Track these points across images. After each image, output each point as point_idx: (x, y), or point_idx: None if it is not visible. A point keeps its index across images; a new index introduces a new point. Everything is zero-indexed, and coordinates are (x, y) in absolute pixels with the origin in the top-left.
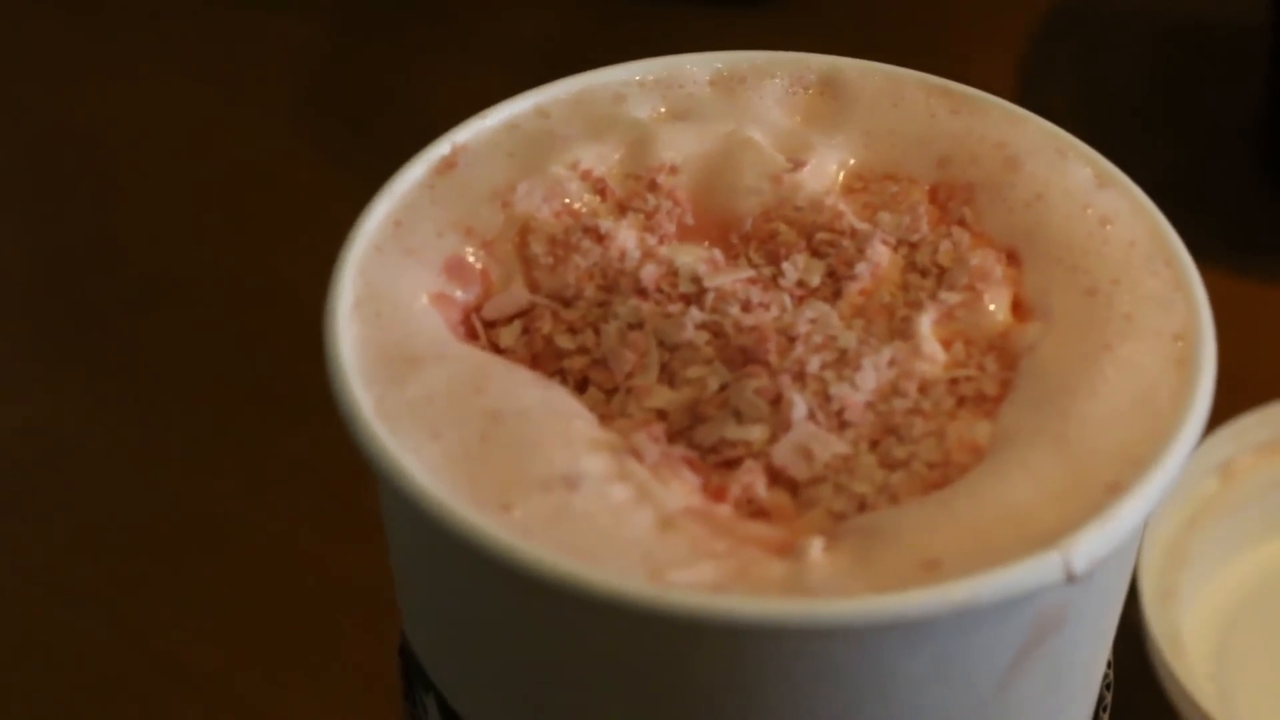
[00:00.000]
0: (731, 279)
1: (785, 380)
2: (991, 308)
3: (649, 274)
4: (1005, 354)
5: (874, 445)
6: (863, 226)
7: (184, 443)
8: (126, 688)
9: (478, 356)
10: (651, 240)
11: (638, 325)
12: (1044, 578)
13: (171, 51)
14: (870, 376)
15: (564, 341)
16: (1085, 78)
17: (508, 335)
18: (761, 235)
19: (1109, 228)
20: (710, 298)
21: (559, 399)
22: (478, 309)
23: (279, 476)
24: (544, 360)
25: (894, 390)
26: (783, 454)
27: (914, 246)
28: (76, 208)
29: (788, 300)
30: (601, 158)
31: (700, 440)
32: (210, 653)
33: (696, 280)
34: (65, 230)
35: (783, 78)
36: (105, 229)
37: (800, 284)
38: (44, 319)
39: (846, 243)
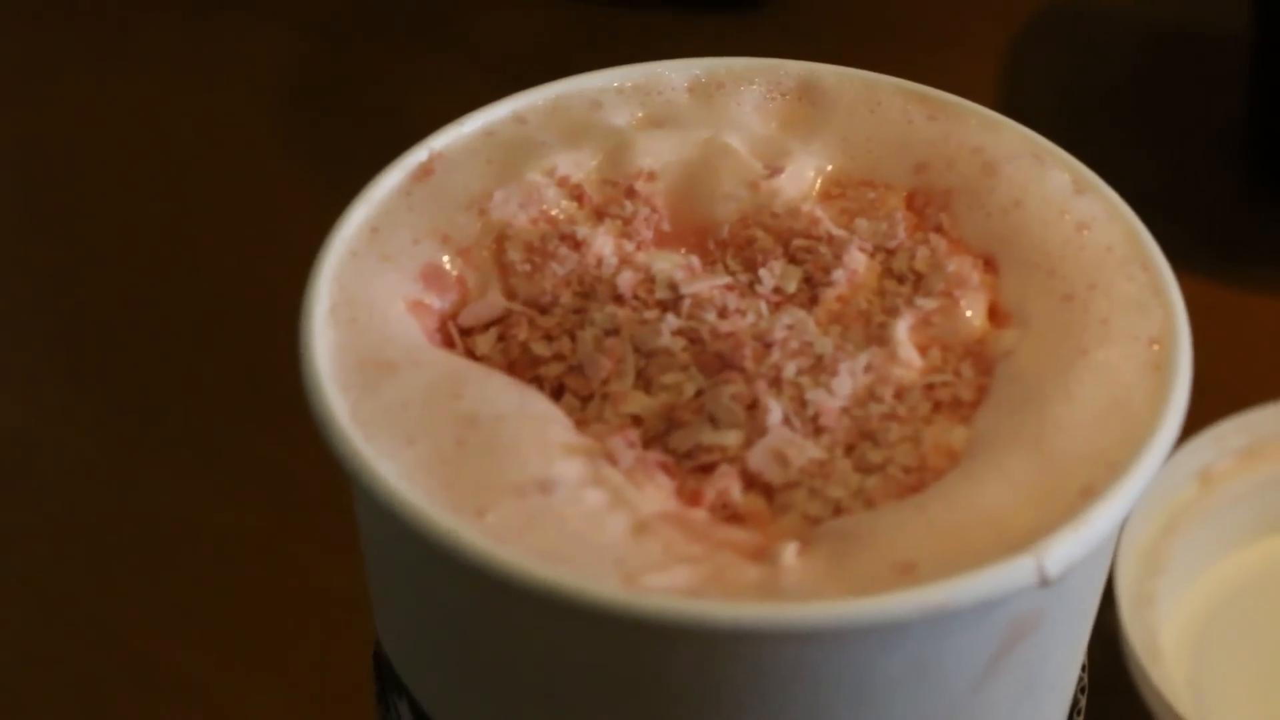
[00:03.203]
0: (708, 285)
1: (761, 386)
2: (968, 314)
3: (626, 281)
4: (981, 359)
5: (849, 450)
6: (840, 233)
7: (162, 447)
8: (105, 693)
9: (454, 362)
10: (629, 247)
11: (614, 332)
12: (1018, 581)
13: (151, 56)
14: (846, 382)
15: (540, 348)
16: (1065, 84)
17: (484, 343)
18: (739, 242)
19: (1086, 233)
20: (687, 304)
21: (535, 404)
22: (454, 316)
23: (258, 481)
24: (520, 367)
25: (870, 396)
26: (758, 459)
27: (891, 253)
28: (55, 213)
29: (764, 307)
30: (579, 164)
31: (676, 445)
32: (189, 657)
33: (673, 287)
34: (43, 235)
35: (760, 84)
36: (84, 234)
37: (777, 290)
38: (23, 324)
39: (823, 249)
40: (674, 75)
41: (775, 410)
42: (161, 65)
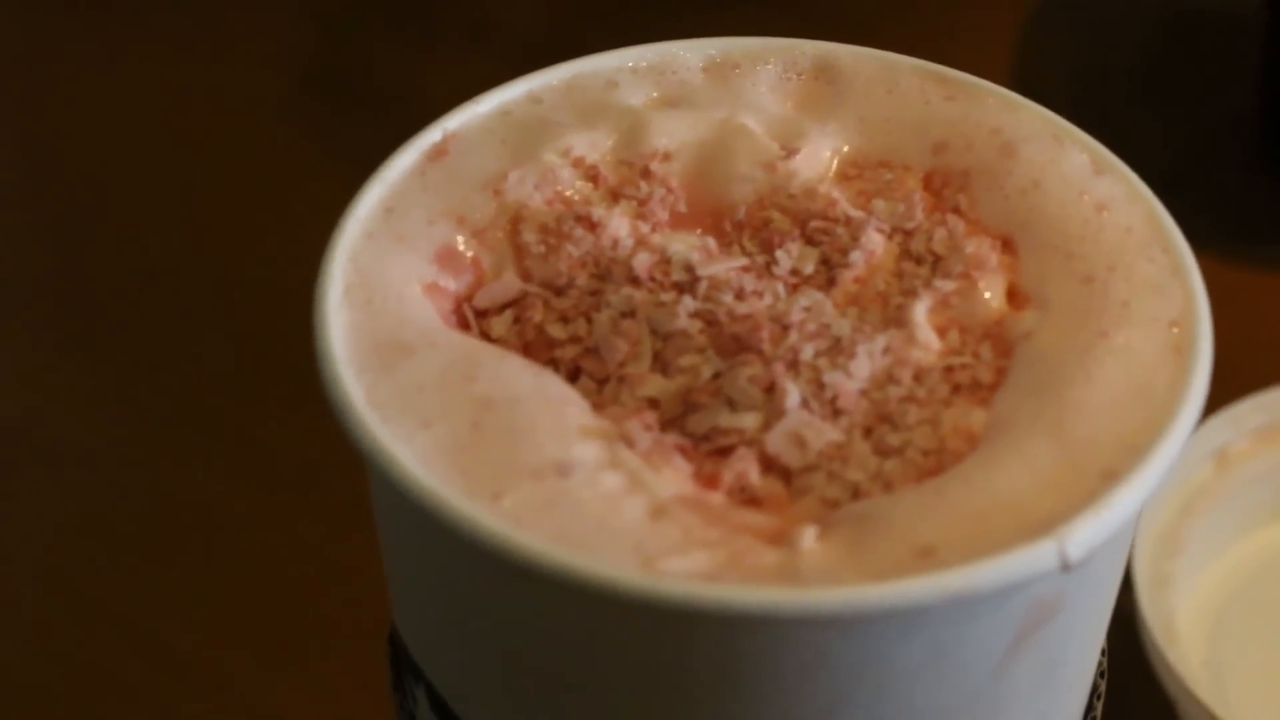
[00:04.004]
0: (725, 267)
1: (779, 368)
2: (987, 295)
3: (642, 262)
4: (1001, 341)
5: (868, 433)
6: (857, 214)
7: (175, 432)
8: (119, 680)
9: (469, 344)
10: (644, 228)
11: (630, 314)
12: (1039, 566)
13: (163, 37)
14: (864, 364)
15: (556, 331)
16: (1081, 64)
17: (499, 325)
18: (755, 223)
19: (1105, 214)
20: (703, 286)
21: (551, 386)
22: (469, 298)
23: (272, 466)
24: (536, 350)
25: (888, 378)
26: (776, 442)
27: (909, 234)
28: (65, 198)
29: (781, 288)
30: (594, 145)
31: (693, 428)
32: (201, 643)
33: (689, 268)
34: (54, 221)
35: (776, 64)
36: (95, 219)
37: (794, 272)
38: (34, 311)
39: (840, 230)
40: (689, 55)
41: (793, 393)
42: (173, 47)
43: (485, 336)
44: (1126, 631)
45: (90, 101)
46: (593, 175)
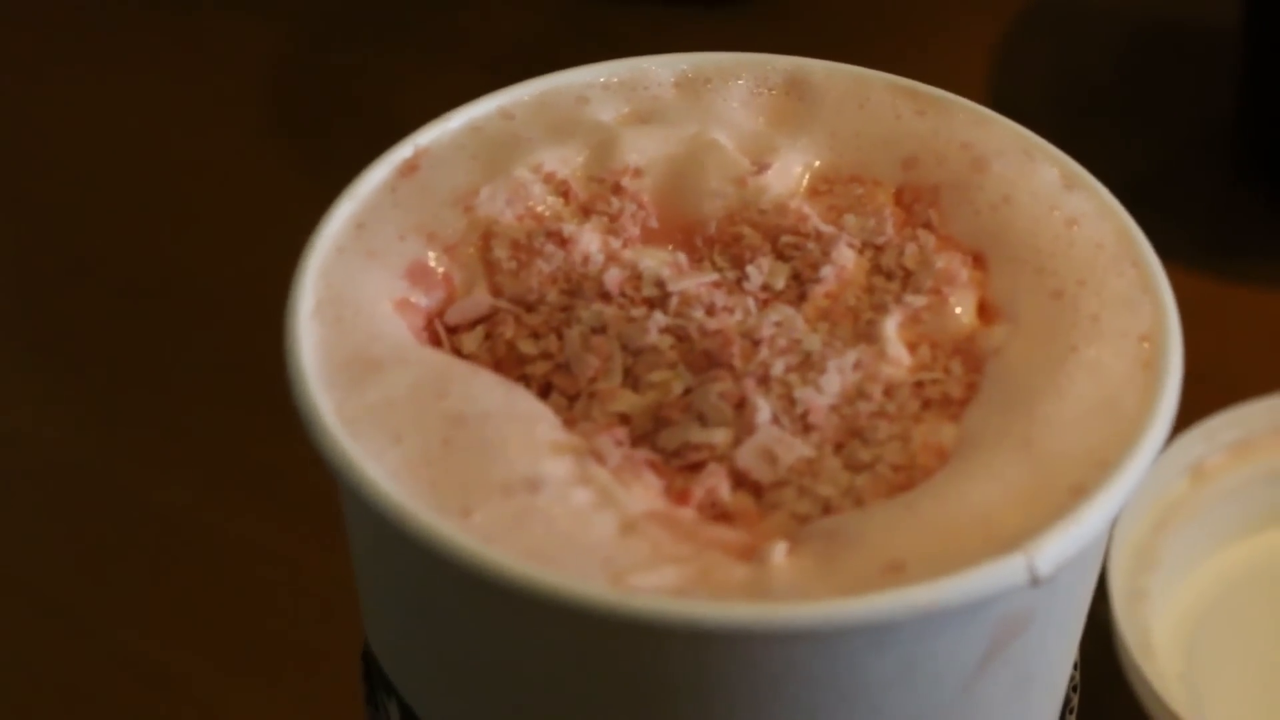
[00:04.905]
0: (695, 283)
1: (749, 384)
2: (957, 310)
3: (612, 278)
4: (971, 357)
5: (838, 448)
6: (828, 229)
7: (150, 445)
8: (90, 690)
9: (440, 360)
10: (615, 244)
11: (601, 330)
12: (1008, 581)
13: (137, 52)
14: (835, 380)
15: (526, 347)
16: (1055, 78)
17: (470, 341)
18: (726, 238)
19: (1076, 229)
20: (674, 302)
21: (522, 402)
22: (440, 314)
23: (245, 477)
24: (507, 366)
25: (859, 393)
26: (746, 457)
27: (879, 249)
28: (41, 211)
29: (752, 304)
30: (565, 160)
31: (664, 444)
32: (180, 657)
33: (660, 284)
34: (29, 234)
35: (748, 79)
36: (71, 232)
37: (765, 287)
38: (8, 323)
39: (811, 246)
40: (661, 70)
41: (764, 408)
42: (147, 62)
43: (456, 353)
44: (1102, 645)
45: (69, 119)
46: (564, 191)
